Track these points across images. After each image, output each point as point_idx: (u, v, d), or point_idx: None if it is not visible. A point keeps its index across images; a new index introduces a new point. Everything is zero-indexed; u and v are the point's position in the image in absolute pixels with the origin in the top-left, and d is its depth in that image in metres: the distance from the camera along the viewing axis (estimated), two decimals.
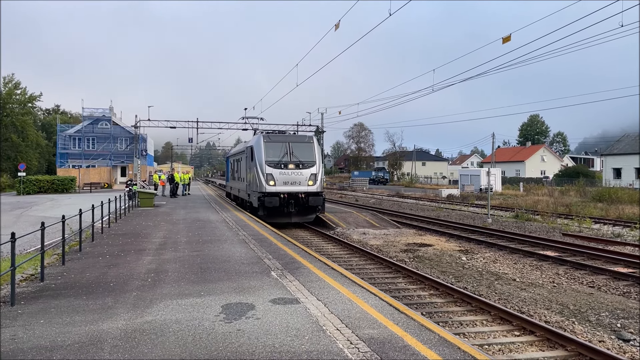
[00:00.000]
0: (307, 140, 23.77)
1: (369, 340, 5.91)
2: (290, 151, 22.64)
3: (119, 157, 63.74)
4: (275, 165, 22.27)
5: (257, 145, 23.06)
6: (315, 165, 22.86)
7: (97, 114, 63.87)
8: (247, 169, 25.18)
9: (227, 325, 6.48)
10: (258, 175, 22.39)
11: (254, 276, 9.46)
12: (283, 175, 22.23)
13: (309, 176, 22.56)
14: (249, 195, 24.93)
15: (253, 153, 23.24)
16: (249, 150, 24.58)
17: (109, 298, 7.90)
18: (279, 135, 24.89)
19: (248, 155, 24.74)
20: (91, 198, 32.62)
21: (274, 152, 22.55)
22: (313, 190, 22.56)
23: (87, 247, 13.08)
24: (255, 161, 22.84)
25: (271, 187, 22.02)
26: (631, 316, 9.60)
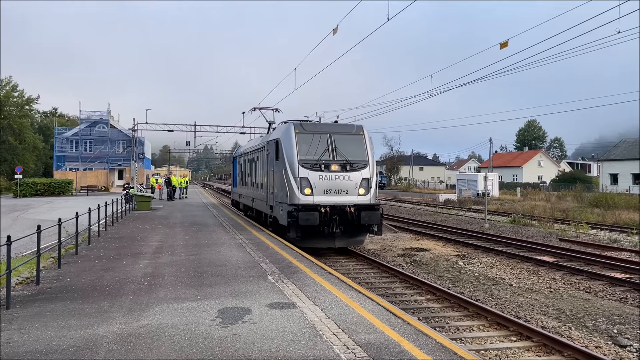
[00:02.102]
0: (355, 131, 16.61)
1: (365, 345, 5.89)
2: (333, 146, 15.80)
3: (116, 160, 63.66)
4: (313, 167, 15.35)
5: (285, 138, 16.11)
6: (368, 167, 15.87)
7: (95, 117, 63.83)
8: (267, 172, 18.29)
9: (223, 330, 6.46)
10: (287, 181, 15.40)
11: (250, 280, 9.43)
12: (324, 181, 15.33)
13: (359, 182, 15.57)
14: (271, 207, 17.77)
15: (279, 149, 16.42)
16: (271, 146, 17.56)
17: (105, 302, 7.87)
18: (316, 124, 17.71)
19: (270, 152, 17.75)
20: (88, 201, 32.54)
21: (311, 148, 15.68)
22: (366, 202, 15.51)
23: (83, 251, 13.04)
24: (282, 160, 15.99)
25: (307, 198, 15.11)
26: (628, 322, 9.60)
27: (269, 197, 18.05)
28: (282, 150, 16.07)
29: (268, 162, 18.21)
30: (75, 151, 62.65)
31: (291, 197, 15.13)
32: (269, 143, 18.09)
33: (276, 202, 16.75)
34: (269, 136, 19.53)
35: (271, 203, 17.65)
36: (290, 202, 15.05)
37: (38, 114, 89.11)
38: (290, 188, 15.20)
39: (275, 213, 16.92)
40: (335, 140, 15.90)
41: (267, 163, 18.44)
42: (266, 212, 18.82)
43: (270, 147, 17.76)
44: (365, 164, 15.87)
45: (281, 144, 16.21)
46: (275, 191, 16.93)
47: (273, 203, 17.29)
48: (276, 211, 16.83)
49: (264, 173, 19.20)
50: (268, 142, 18.41)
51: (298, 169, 15.22)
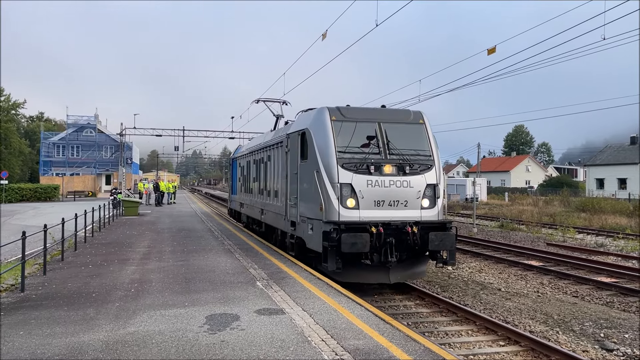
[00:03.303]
0: (412, 119, 12.06)
1: (354, 351, 5.88)
2: (385, 139, 11.38)
3: (103, 165, 63.11)
4: (358, 168, 10.96)
5: (317, 128, 11.62)
6: (434, 168, 11.47)
7: (82, 122, 63.30)
8: (286, 175, 13.63)
9: (211, 337, 6.41)
10: (321, 188, 11.01)
11: (239, 286, 9.38)
12: (374, 189, 10.89)
13: (422, 189, 11.17)
14: (293, 224, 12.96)
15: (307, 143, 11.92)
16: (293, 140, 12.96)
17: (91, 309, 7.78)
18: (359, 109, 12.36)
19: (292, 149, 13.12)
20: (75, 206, 32.23)
21: (353, 142, 11.32)
22: (432, 218, 11.19)
23: (69, 257, 12.89)
24: (313, 159, 11.45)
25: (351, 213, 10.74)
26: (614, 326, 9.68)
27: (289, 209, 13.20)
28: (312, 144, 11.50)
29: (287, 162, 13.50)
30: (62, 156, 62.04)
31: (328, 211, 10.70)
32: (290, 137, 13.32)
33: (302, 217, 12.12)
34: (287, 128, 14.41)
35: (293, 218, 12.81)
36: (326, 219, 10.58)
37: (24, 119, 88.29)
38: (326, 198, 10.76)
39: (301, 232, 12.27)
40: (387, 130, 11.43)
41: (285, 163, 13.73)
42: (284, 229, 13.92)
43: (292, 142, 13.11)
44: (430, 164, 11.38)
45: (311, 136, 11.59)
46: (300, 202, 12.33)
47: (296, 218, 12.52)
48: (302, 230, 12.18)
49: (280, 177, 14.47)
50: (288, 136, 13.50)
51: (337, 171, 10.75)
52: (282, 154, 14.33)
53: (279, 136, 14.93)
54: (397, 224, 10.60)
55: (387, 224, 10.51)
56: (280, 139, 14.63)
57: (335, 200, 10.70)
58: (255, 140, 21.68)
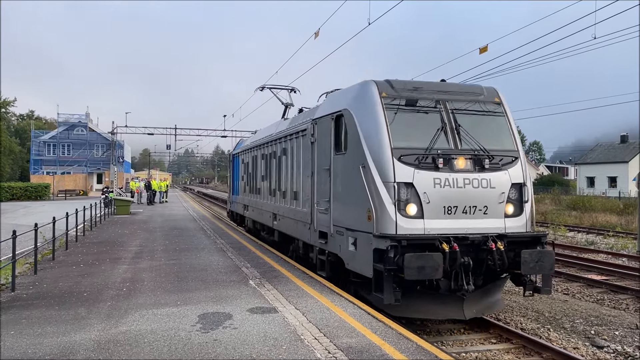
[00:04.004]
0: (486, 97, 9.26)
1: (347, 349, 5.89)
2: (453, 123, 8.68)
3: (95, 164, 62.78)
4: (421, 162, 8.17)
5: (362, 107, 8.89)
6: (519, 162, 8.77)
7: (73, 120, 62.93)
8: (311, 173, 10.79)
9: (204, 335, 6.39)
10: (370, 188, 8.13)
11: (231, 285, 9.37)
12: (443, 190, 8.12)
13: (507, 190, 8.52)
14: (323, 236, 10.11)
15: (344, 130, 9.27)
16: (323, 127, 10.25)
17: (83, 308, 7.74)
18: (417, 83, 9.26)
19: (321, 138, 10.35)
20: (66, 205, 32.01)
21: (412, 127, 8.70)
22: (518, 230, 8.55)
23: (60, 256, 12.81)
24: (356, 150, 8.72)
25: (413, 223, 8.00)
26: (605, 323, 9.77)
27: (317, 216, 10.31)
28: (353, 131, 8.70)
29: (314, 155, 10.59)
30: (52, 155, 61.66)
31: (380, 221, 7.84)
32: (318, 123, 10.41)
33: (338, 227, 9.26)
34: (312, 112, 11.38)
35: (323, 228, 9.96)
36: (378, 232, 7.79)
37: (14, 117, 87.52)
38: (378, 203, 7.89)
39: (336, 248, 9.37)
40: (455, 111, 8.73)
41: (311, 157, 10.76)
42: (309, 241, 10.96)
43: (321, 129, 10.25)
44: (514, 156, 8.65)
45: (352, 119, 8.79)
46: (334, 207, 9.46)
47: (329, 229, 9.62)
48: (337, 244, 9.28)
49: (301, 174, 11.62)
50: (314, 122, 10.60)
51: (393, 165, 7.93)
52: (304, 145, 11.34)
53: (300, 123, 11.91)
54: (476, 238, 7.79)
55: (462, 239, 7.71)
56: (301, 126, 11.68)
57: (390, 205, 7.75)
58: (262, 132, 17.49)
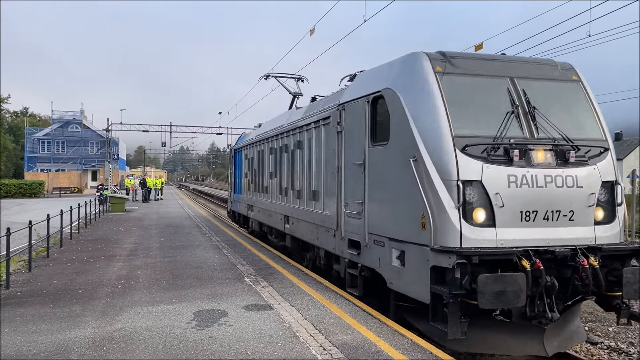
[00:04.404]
0: (561, 74, 7.51)
1: (342, 346, 5.90)
2: (527, 106, 6.84)
3: (89, 161, 62.57)
4: (489, 154, 6.34)
5: (410, 85, 7.00)
6: (609, 154, 6.97)
7: (68, 117, 62.66)
8: (337, 168, 9.00)
9: (199, 332, 6.39)
10: (425, 188, 6.30)
11: (227, 282, 9.36)
12: (520, 190, 6.29)
13: (596, 190, 6.69)
14: (354, 246, 8.32)
15: (386, 115, 7.35)
16: (354, 113, 8.39)
17: (77, 306, 7.72)
18: (476, 56, 7.82)
19: (353, 125, 8.46)
20: (60, 203, 31.89)
21: (475, 108, 6.80)
22: (610, 240, 6.70)
23: (55, 254, 12.77)
24: (404, 138, 6.81)
25: (481, 233, 6.16)
26: (598, 319, 9.83)
27: (345, 221, 8.61)
28: (399, 115, 6.96)
29: (341, 146, 8.79)
30: (47, 152, 61.41)
31: (439, 230, 6.19)
32: (346, 108, 8.64)
33: (375, 235, 7.52)
34: (337, 96, 9.52)
35: (354, 236, 8.20)
36: (438, 245, 6.14)
37: (8, 114, 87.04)
38: (436, 207, 6.23)
39: (372, 261, 7.61)
40: (527, 91, 6.99)
41: (337, 149, 8.96)
42: (333, 250, 9.27)
43: (351, 115, 8.47)
44: (602, 146, 7.02)
45: (397, 101, 7.02)
46: (370, 210, 7.71)
47: (363, 237, 7.86)
48: (374, 257, 7.54)
49: (323, 170, 9.84)
50: (341, 107, 8.83)
51: (455, 158, 6.28)
52: (327, 136, 9.63)
53: (320, 111, 10.07)
54: (563, 252, 6.12)
55: (543, 253, 6.08)
56: (322, 114, 9.87)
57: (452, 210, 6.09)
58: (270, 124, 15.61)
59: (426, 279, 6.20)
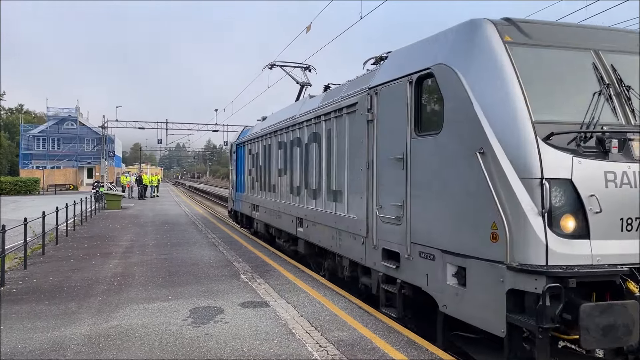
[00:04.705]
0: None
1: (338, 342, 5.92)
2: (618, 88, 5.44)
3: (85, 158, 62.34)
4: (579, 146, 4.96)
5: (470, 61, 5.57)
6: None
7: (63, 114, 62.37)
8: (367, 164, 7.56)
9: (195, 330, 6.39)
10: (497, 189, 4.93)
11: (223, 279, 9.36)
12: (620, 191, 4.96)
13: None
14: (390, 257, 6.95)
15: (436, 97, 6.07)
16: (391, 97, 6.98)
17: (73, 303, 7.71)
18: (550, 25, 6.06)
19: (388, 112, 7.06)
20: (56, 200, 31.80)
21: (557, 91, 5.45)
22: None
23: (50, 251, 12.74)
24: (465, 127, 5.45)
25: (572, 247, 4.78)
26: None
27: (378, 226, 7.26)
28: (460, 96, 5.57)
29: (374, 138, 7.42)
30: (42, 149, 61.12)
31: (518, 242, 4.84)
32: (380, 92, 7.28)
33: (419, 246, 6.26)
34: (366, 79, 8.05)
35: (390, 245, 6.97)
36: (517, 262, 4.81)
37: (3, 111, 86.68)
38: (512, 212, 4.90)
39: (417, 277, 6.33)
40: (616, 66, 5.68)
41: (367, 141, 7.62)
42: (361, 260, 7.87)
43: (387, 99, 7.14)
44: None
45: (454, 79, 5.67)
46: (413, 214, 6.41)
47: (403, 247, 6.58)
48: (423, 273, 6.17)
49: (347, 166, 8.46)
50: (372, 92, 7.46)
51: (537, 150, 4.91)
52: (352, 126, 8.25)
53: (343, 97, 8.67)
54: None
55: None
56: (345, 101, 8.48)
57: (535, 218, 4.82)
58: (277, 116, 14.20)
59: (499, 306, 4.88)
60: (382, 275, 7.15)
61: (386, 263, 6.96)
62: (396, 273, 6.75)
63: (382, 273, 7.16)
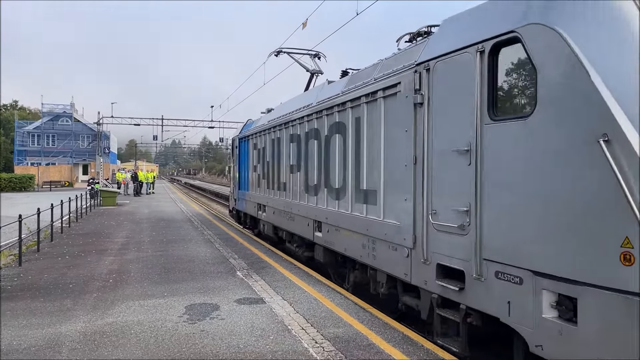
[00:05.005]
0: None
1: (333, 339, 5.93)
2: None
3: (80, 155, 62.09)
4: None
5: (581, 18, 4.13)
6: None
7: (58, 110, 62.10)
8: (414, 158, 6.17)
9: (191, 326, 6.39)
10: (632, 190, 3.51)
11: (219, 276, 9.36)
12: None
13: None
14: (453, 277, 5.49)
15: (533, 70, 4.43)
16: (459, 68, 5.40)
17: (68, 300, 7.69)
18: None
19: (448, 91, 5.60)
20: (51, 197, 31.69)
21: None
22: None
23: (45, 248, 12.69)
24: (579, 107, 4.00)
25: None
26: None
27: (430, 236, 5.88)
28: (566, 66, 4.16)
29: (425, 126, 6.00)
30: (37, 145, 60.86)
31: None
32: (438, 67, 5.81)
33: (504, 266, 4.71)
34: (409, 55, 6.65)
35: (451, 261, 5.49)
36: None
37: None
38: None
39: (492, 304, 4.87)
40: None
41: (414, 130, 6.24)
42: (405, 277, 6.46)
43: (445, 77, 5.68)
44: None
45: (560, 43, 4.20)
46: (490, 222, 4.93)
47: (473, 265, 5.07)
48: (502, 300, 4.72)
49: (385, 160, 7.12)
50: (426, 67, 6.00)
51: None
52: (392, 112, 6.88)
53: (379, 78, 7.26)
54: None
55: None
56: (385, 81, 7.03)
57: None
58: (287, 106, 12.86)
59: (633, 354, 3.61)
60: (437, 297, 5.73)
61: (443, 283, 5.56)
62: (459, 296, 5.33)
63: (436, 295, 5.74)
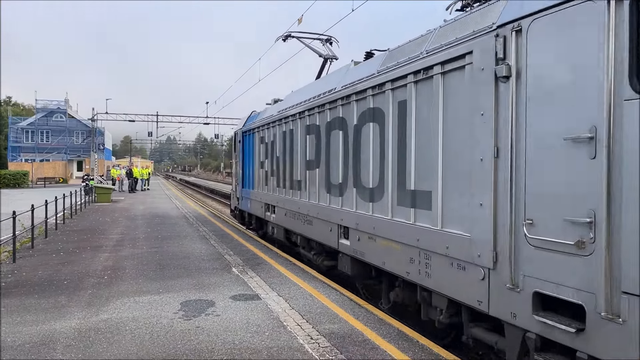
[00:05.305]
0: None
1: (329, 335, 5.93)
2: None
3: (75, 151, 61.83)
4: None
5: None
6: None
7: (52, 106, 61.74)
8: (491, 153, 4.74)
9: (186, 323, 6.38)
10: None
11: (214, 272, 9.35)
12: None
13: None
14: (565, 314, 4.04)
15: None
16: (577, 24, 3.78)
17: (63, 296, 7.66)
18: None
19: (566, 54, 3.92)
20: (45, 193, 31.55)
21: None
22: None
23: (40, 244, 12.64)
24: None
25: None
26: None
27: (518, 252, 4.44)
28: None
29: (507, 106, 4.56)
30: (31, 142, 60.53)
31: None
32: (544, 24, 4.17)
33: None
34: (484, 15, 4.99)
35: (559, 290, 4.02)
36: None
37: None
38: None
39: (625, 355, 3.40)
40: None
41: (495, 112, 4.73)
42: (478, 305, 4.93)
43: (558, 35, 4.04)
44: None
45: None
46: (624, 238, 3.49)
47: (605, 301, 3.58)
48: None
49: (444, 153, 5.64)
50: (515, 29, 4.45)
51: None
52: (455, 91, 5.49)
53: (435, 49, 5.83)
54: None
55: None
56: (443, 54, 5.61)
57: None
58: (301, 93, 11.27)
59: None
60: (536, 337, 4.33)
61: (546, 319, 4.13)
62: (575, 341, 3.89)
63: (535, 334, 4.32)
